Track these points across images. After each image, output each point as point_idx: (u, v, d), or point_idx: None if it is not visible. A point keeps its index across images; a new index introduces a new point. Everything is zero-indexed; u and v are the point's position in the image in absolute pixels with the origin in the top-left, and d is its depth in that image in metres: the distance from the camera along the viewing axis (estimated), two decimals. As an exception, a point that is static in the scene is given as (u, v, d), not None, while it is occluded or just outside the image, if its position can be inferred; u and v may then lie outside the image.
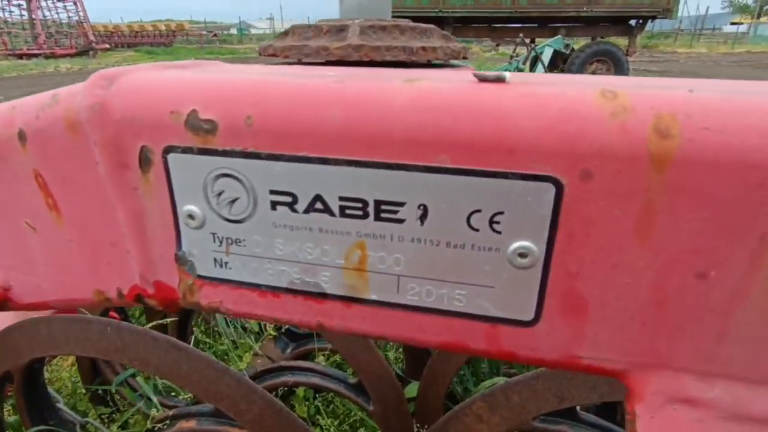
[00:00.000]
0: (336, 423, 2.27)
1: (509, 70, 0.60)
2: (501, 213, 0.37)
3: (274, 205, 0.42)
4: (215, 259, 0.46)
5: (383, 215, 0.40)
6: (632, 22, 13.95)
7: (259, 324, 2.54)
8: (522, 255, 0.38)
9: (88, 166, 0.46)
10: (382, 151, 0.37)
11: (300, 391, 2.41)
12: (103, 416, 2.12)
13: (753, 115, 0.32)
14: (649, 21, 13.92)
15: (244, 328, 2.64)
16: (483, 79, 0.39)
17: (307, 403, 2.37)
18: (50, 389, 1.71)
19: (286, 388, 2.26)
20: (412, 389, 2.18)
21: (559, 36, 10.60)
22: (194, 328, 2.63)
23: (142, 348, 1.39)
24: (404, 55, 0.66)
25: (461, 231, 0.38)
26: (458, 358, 1.84)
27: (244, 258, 0.45)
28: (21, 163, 0.49)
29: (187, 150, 0.42)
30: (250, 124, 0.39)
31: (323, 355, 2.49)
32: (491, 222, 0.38)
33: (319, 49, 0.66)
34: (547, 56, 9.11)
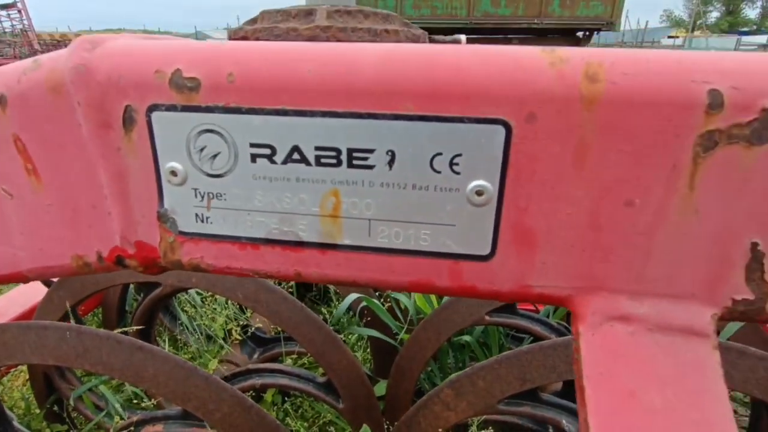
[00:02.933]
0: (306, 425, 2.27)
1: None
2: (459, 155, 0.42)
3: (254, 157, 0.46)
4: (197, 215, 0.49)
5: (355, 162, 0.44)
6: (579, 33, 14.69)
7: (225, 331, 2.50)
8: (479, 193, 0.43)
9: (70, 128, 0.48)
10: (354, 101, 0.42)
11: (268, 396, 2.39)
12: (57, 434, 2.04)
13: (660, 63, 0.39)
14: (595, 33, 14.75)
15: (209, 337, 2.60)
16: (441, 41, 0.44)
17: (275, 407, 2.36)
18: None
19: (253, 393, 2.23)
20: (380, 387, 2.21)
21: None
22: (157, 339, 2.57)
23: (105, 352, 1.36)
24: (369, 36, 0.71)
25: (425, 173, 0.43)
26: (424, 353, 1.89)
27: (225, 212, 0.49)
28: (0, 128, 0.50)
29: (170, 108, 0.45)
30: (231, 81, 0.43)
31: (291, 358, 2.48)
32: (451, 164, 0.43)
33: (288, 31, 0.70)
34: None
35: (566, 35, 14.35)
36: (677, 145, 0.39)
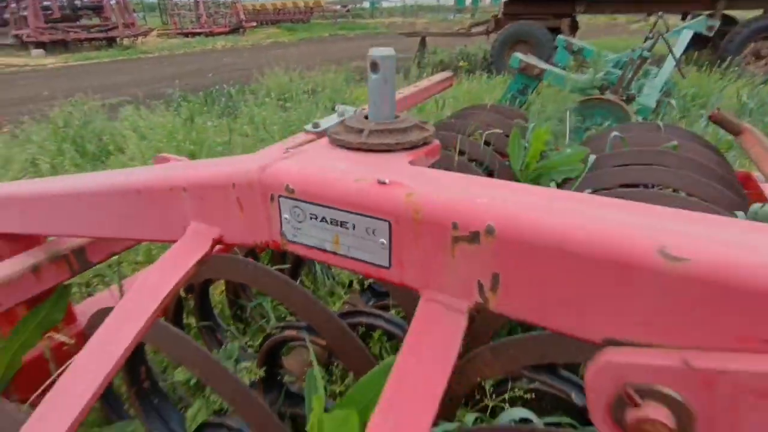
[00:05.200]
0: (398, 359, 3.09)
1: (624, 59, 0.89)
2: (375, 230, 1.14)
3: (311, 218, 1.24)
4: (294, 234, 1.30)
5: (343, 226, 1.19)
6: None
7: (350, 278, 3.47)
8: (383, 244, 1.14)
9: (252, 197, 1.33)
10: (339, 204, 1.16)
11: (376, 335, 3.30)
12: (238, 328, 3.27)
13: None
14: None
15: (337, 282, 3.57)
16: (380, 182, 1.15)
17: (380, 344, 3.25)
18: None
19: (364, 329, 3.16)
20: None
21: (704, 17, 9.60)
22: (303, 277, 3.67)
23: (266, 280, 2.40)
24: (388, 147, 1.43)
25: (365, 237, 1.16)
26: (493, 325, 2.50)
27: (302, 234, 1.29)
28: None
29: (284, 197, 1.26)
30: (293, 191, 1.21)
31: (396, 310, 3.34)
32: (373, 233, 1.15)
33: (344, 141, 1.46)
34: (683, 41, 8.30)
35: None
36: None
